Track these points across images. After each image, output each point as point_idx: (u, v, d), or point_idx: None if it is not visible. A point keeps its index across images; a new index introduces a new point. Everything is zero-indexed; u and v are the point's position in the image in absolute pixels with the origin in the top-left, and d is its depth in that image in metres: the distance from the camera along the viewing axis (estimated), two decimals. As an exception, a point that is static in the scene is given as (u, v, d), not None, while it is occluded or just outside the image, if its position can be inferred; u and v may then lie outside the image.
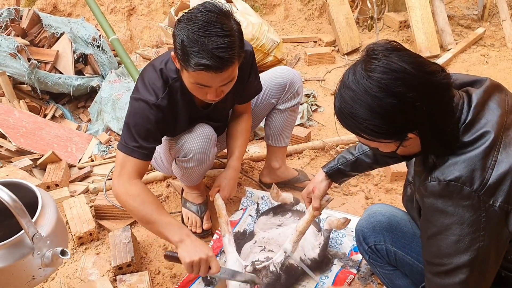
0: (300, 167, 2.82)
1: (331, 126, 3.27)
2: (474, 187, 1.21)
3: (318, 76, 3.99)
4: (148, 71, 1.95)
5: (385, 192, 2.60)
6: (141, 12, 4.73)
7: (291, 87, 2.35)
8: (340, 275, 2.05)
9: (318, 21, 4.86)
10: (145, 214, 1.82)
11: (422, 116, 1.21)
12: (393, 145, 1.30)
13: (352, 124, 1.27)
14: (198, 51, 1.62)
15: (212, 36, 1.63)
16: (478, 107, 1.27)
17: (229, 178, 2.17)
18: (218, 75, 1.69)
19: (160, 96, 1.87)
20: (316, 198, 1.86)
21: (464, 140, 1.25)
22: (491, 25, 4.73)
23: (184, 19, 1.68)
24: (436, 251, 1.32)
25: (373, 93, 1.20)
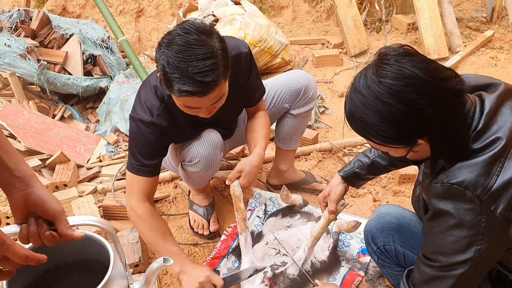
0: (308, 169, 2.81)
1: (339, 128, 3.26)
2: (477, 192, 1.21)
3: (326, 78, 3.98)
4: (143, 89, 1.93)
5: (393, 195, 2.59)
6: (149, 13, 4.74)
7: (305, 92, 2.31)
8: (348, 277, 2.05)
9: (326, 23, 4.86)
10: (151, 240, 1.91)
11: (433, 123, 1.21)
12: (403, 150, 1.30)
13: (362, 128, 1.27)
14: (180, 77, 1.58)
15: (192, 60, 1.57)
16: (490, 113, 1.26)
17: (253, 165, 1.99)
18: (202, 99, 1.65)
19: (155, 114, 1.85)
20: (332, 202, 1.85)
21: (474, 148, 1.24)
22: (500, 27, 4.70)
23: (164, 43, 1.63)
24: (434, 248, 1.33)
25: (383, 99, 1.20)
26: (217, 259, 2.18)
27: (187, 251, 2.25)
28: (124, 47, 3.34)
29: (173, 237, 1.97)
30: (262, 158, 2.05)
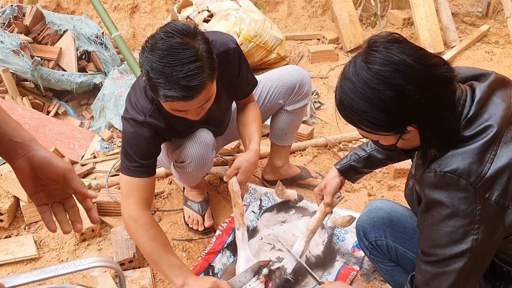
0: (303, 164, 2.81)
1: (334, 124, 3.26)
2: (470, 180, 1.20)
3: (321, 73, 3.98)
4: (133, 92, 1.91)
5: (387, 189, 2.59)
6: (144, 9, 4.73)
7: (300, 88, 2.30)
8: (343, 272, 2.05)
9: (321, 19, 4.85)
10: (152, 251, 1.82)
11: (421, 110, 1.21)
12: (393, 138, 1.29)
13: (352, 116, 1.27)
14: (164, 82, 1.55)
15: (176, 65, 1.53)
16: (481, 101, 1.26)
17: (251, 162, 2.01)
18: (188, 103, 1.63)
19: (147, 115, 1.82)
20: (328, 194, 1.85)
21: (465, 135, 1.24)
22: (495, 22, 4.71)
23: (147, 47, 1.59)
24: (430, 241, 1.32)
25: (372, 85, 1.20)
26: (212, 254, 2.18)
27: (182, 247, 2.25)
28: (118, 43, 3.32)
29: (172, 250, 1.91)
30: (258, 154, 2.06)
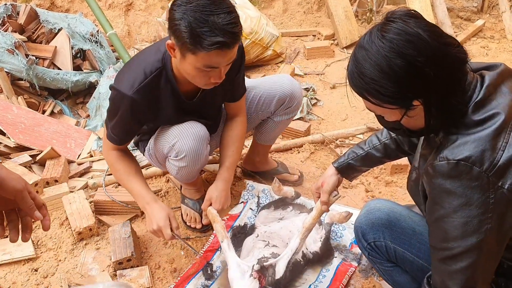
0: (300, 161, 2.81)
1: (331, 120, 3.26)
2: (484, 168, 1.19)
3: (318, 70, 3.97)
4: (130, 62, 1.99)
5: (385, 185, 2.59)
6: (138, 7, 4.70)
7: (290, 102, 2.30)
8: (341, 268, 2.05)
9: (317, 15, 4.84)
10: (120, 182, 2.13)
11: (430, 84, 1.21)
12: (398, 113, 1.29)
13: (360, 84, 1.28)
14: (211, 29, 1.62)
15: (219, 13, 1.63)
16: (490, 87, 1.26)
17: (220, 190, 2.10)
18: (227, 53, 1.70)
19: (135, 87, 1.85)
20: (325, 192, 1.84)
21: (474, 119, 1.24)
22: (490, 17, 4.71)
23: (183, 2, 1.65)
24: (443, 234, 1.29)
25: (384, 52, 1.21)
26: (210, 252, 2.18)
27: (180, 245, 2.24)
28: (113, 41, 3.31)
29: (138, 177, 2.06)
30: (227, 180, 2.15)
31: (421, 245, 1.55)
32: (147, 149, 2.19)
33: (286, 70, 3.78)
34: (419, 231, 1.56)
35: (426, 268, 1.53)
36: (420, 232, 1.56)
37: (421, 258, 1.55)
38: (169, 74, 1.90)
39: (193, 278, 2.04)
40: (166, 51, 1.87)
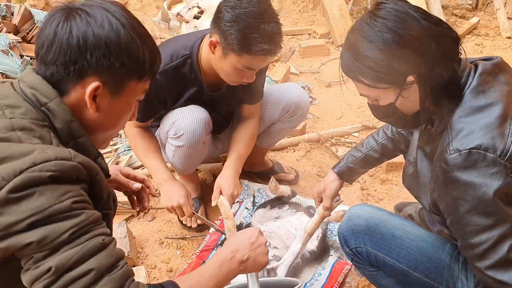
0: (296, 159, 2.82)
1: (326, 118, 3.27)
2: (497, 153, 1.18)
3: (313, 68, 3.98)
4: (160, 46, 2.05)
5: (380, 183, 2.60)
6: (134, 6, 4.70)
7: (295, 111, 2.31)
8: (337, 266, 2.05)
9: (312, 13, 4.84)
10: (138, 156, 2.19)
11: (421, 59, 1.23)
12: (393, 94, 1.30)
13: (354, 65, 1.30)
14: (261, 37, 1.73)
15: (270, 22, 1.74)
16: (485, 75, 1.28)
17: (228, 176, 2.09)
18: (269, 59, 1.84)
19: (160, 68, 1.88)
20: (327, 198, 1.87)
21: (474, 105, 1.24)
22: (485, 14, 4.72)
23: (236, 5, 1.75)
24: (473, 228, 1.25)
25: (376, 29, 1.25)
26: (206, 251, 2.18)
27: (176, 245, 2.25)
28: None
29: (157, 154, 2.13)
30: (234, 168, 2.14)
31: (400, 250, 1.54)
32: (157, 134, 2.23)
33: (281, 69, 3.78)
34: (399, 236, 1.56)
35: (407, 272, 1.53)
36: (400, 237, 1.56)
37: (400, 262, 1.54)
38: (194, 63, 1.98)
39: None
40: (195, 41, 1.98)
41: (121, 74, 1.10)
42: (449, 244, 1.54)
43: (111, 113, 1.15)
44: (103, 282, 0.98)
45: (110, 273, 1.00)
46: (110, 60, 1.07)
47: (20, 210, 0.93)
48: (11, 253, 0.98)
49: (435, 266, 1.52)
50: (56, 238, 0.95)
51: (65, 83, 1.08)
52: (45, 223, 0.95)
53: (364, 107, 3.37)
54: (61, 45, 1.05)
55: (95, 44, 1.05)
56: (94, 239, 0.99)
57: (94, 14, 1.07)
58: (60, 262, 0.95)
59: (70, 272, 0.96)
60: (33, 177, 0.94)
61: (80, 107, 1.10)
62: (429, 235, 1.58)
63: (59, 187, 0.97)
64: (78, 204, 0.99)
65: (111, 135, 1.25)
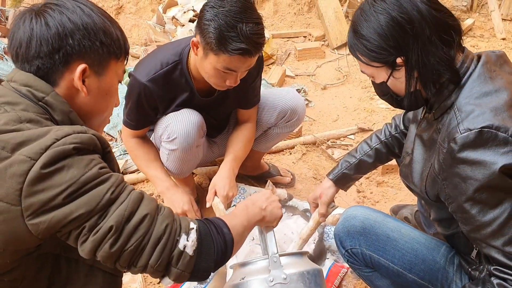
0: (292, 162, 2.81)
1: (322, 121, 3.27)
2: (509, 133, 1.17)
3: (309, 71, 3.98)
4: (151, 53, 2.09)
5: (376, 185, 2.60)
6: (129, 10, 4.70)
7: (291, 115, 2.30)
8: (333, 269, 2.05)
9: (308, 16, 4.85)
10: (139, 168, 2.22)
11: (412, 43, 1.25)
12: (385, 73, 1.34)
13: (353, 42, 1.36)
14: (237, 36, 1.70)
15: (248, 22, 1.71)
16: (490, 64, 1.29)
17: (223, 177, 2.06)
18: (247, 60, 1.78)
19: (150, 76, 1.94)
20: (324, 205, 1.87)
21: (483, 90, 1.25)
22: (480, 16, 4.74)
23: (216, 5, 1.73)
24: (484, 206, 1.23)
25: (373, 9, 1.29)
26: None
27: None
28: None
29: (157, 163, 2.14)
30: (230, 168, 2.12)
31: (395, 251, 1.55)
32: (152, 138, 2.23)
33: (277, 71, 3.78)
34: (394, 237, 1.56)
35: (402, 273, 1.53)
36: (395, 238, 1.56)
37: (395, 264, 1.55)
38: (184, 69, 1.97)
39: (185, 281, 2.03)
40: (185, 47, 1.97)
41: (102, 53, 1.15)
42: (444, 246, 1.54)
43: (100, 94, 1.20)
44: (159, 221, 1.09)
45: (161, 213, 1.11)
46: (91, 41, 1.12)
47: (55, 183, 0.97)
48: (54, 231, 1.01)
49: (429, 268, 1.52)
50: (100, 201, 1.01)
51: (52, 74, 1.12)
52: (83, 192, 1.00)
53: (360, 110, 3.37)
54: (40, 37, 1.09)
55: (73, 29, 1.11)
56: (132, 193, 1.08)
57: (64, 5, 1.13)
58: (117, 218, 1.02)
59: (129, 223, 1.04)
60: (60, 151, 0.98)
61: (71, 96, 1.15)
62: (424, 237, 1.59)
63: (84, 157, 1.02)
64: (104, 169, 1.05)
65: (103, 121, 1.30)
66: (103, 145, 1.10)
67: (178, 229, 1.12)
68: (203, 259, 1.14)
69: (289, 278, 1.38)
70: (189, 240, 1.12)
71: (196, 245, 1.13)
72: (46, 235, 1.01)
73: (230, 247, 1.23)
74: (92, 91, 1.17)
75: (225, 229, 1.23)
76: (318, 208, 1.90)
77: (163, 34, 4.00)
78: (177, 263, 1.10)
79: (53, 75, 1.12)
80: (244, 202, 1.45)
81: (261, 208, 1.43)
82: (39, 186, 0.97)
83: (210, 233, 1.19)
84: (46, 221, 0.98)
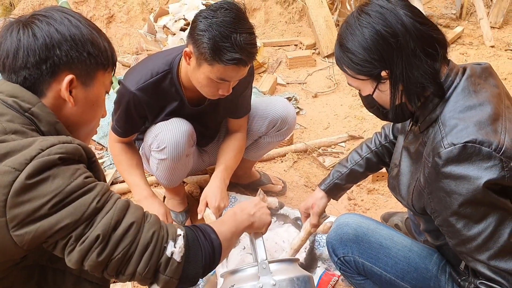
0: (283, 170, 2.81)
1: (313, 129, 3.27)
2: (492, 147, 1.17)
3: (300, 79, 3.99)
4: (142, 62, 2.09)
5: (367, 193, 2.60)
6: (120, 19, 4.69)
7: (281, 124, 2.30)
8: (324, 278, 2.04)
9: (299, 24, 4.87)
10: (120, 172, 2.19)
11: (396, 56, 1.26)
12: (370, 86, 1.35)
13: (339, 55, 1.36)
14: (231, 46, 1.71)
15: (242, 32, 1.73)
16: (475, 77, 1.30)
17: (214, 187, 2.06)
18: (241, 69, 1.80)
19: (139, 85, 1.93)
20: (315, 215, 1.86)
21: (467, 104, 1.25)
22: (469, 23, 4.78)
23: (209, 15, 1.74)
24: (469, 221, 1.23)
25: (358, 23, 1.30)
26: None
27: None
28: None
29: (138, 170, 2.13)
30: (221, 179, 2.11)
31: (387, 259, 1.54)
32: (141, 147, 2.21)
33: (268, 80, 3.79)
34: (386, 245, 1.56)
35: (394, 281, 1.53)
36: (387, 246, 1.56)
37: (388, 272, 1.54)
38: (174, 78, 1.97)
39: None
40: (175, 57, 1.97)
41: (90, 64, 1.16)
42: (436, 254, 1.54)
43: (87, 105, 1.20)
44: (146, 229, 1.09)
45: (147, 220, 1.11)
46: (78, 52, 1.13)
47: (41, 194, 0.97)
48: (40, 242, 1.01)
49: (422, 276, 1.51)
50: (86, 210, 1.01)
51: (39, 84, 1.12)
52: (69, 202, 1.00)
53: (350, 117, 3.38)
54: (28, 48, 1.09)
55: (61, 39, 1.11)
56: (118, 201, 1.08)
57: (52, 16, 1.14)
58: (104, 227, 1.02)
59: (116, 231, 1.04)
60: (45, 161, 0.98)
61: (58, 106, 1.15)
62: (416, 245, 1.58)
63: (69, 167, 1.02)
64: (89, 179, 1.05)
65: (90, 132, 1.29)
66: (88, 155, 1.10)
67: (165, 236, 1.11)
68: (191, 265, 1.15)
69: (278, 284, 1.38)
70: (176, 247, 1.12)
71: (184, 251, 1.13)
72: (32, 246, 1.00)
73: (218, 252, 1.23)
74: (79, 102, 1.17)
75: (212, 235, 1.23)
76: (309, 219, 1.89)
77: (154, 43, 4.00)
78: (165, 269, 1.10)
79: (40, 86, 1.12)
80: (233, 209, 1.46)
81: (249, 214, 1.44)
82: (24, 196, 0.96)
83: (198, 239, 1.19)
84: (32, 231, 0.97)
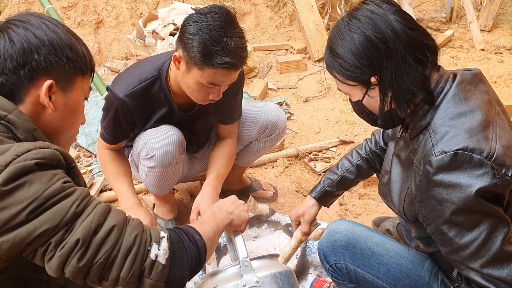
0: (275, 175, 2.79)
1: (304, 134, 3.26)
2: (484, 155, 1.16)
3: (291, 84, 3.98)
4: (130, 67, 2.06)
5: (358, 198, 2.59)
6: (109, 24, 4.66)
7: (272, 130, 2.29)
8: (316, 285, 2.02)
9: (289, 29, 4.87)
10: (107, 180, 2.15)
11: (385, 62, 1.24)
12: (359, 92, 1.34)
13: (329, 60, 1.35)
14: (222, 50, 1.69)
15: (233, 36, 1.70)
16: (465, 84, 1.29)
17: (206, 196, 2.02)
18: (232, 73, 1.77)
19: (128, 91, 1.90)
20: (306, 223, 1.84)
21: (457, 111, 1.24)
22: (459, 27, 4.80)
23: (199, 19, 1.71)
24: (461, 229, 1.22)
25: (347, 28, 1.28)
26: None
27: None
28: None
29: (125, 178, 2.09)
30: (213, 187, 2.08)
31: (380, 266, 1.53)
32: (130, 155, 2.18)
33: (259, 84, 3.77)
34: (378, 252, 1.55)
35: None
36: (379, 253, 1.55)
37: (380, 279, 1.53)
38: (163, 84, 1.94)
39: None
40: (164, 62, 1.94)
41: (69, 69, 1.14)
42: (428, 261, 1.52)
43: (67, 111, 1.18)
44: (128, 232, 1.05)
45: (129, 223, 1.08)
46: (57, 56, 1.11)
47: (17, 200, 0.94)
48: (19, 251, 0.97)
49: (414, 283, 1.50)
50: (65, 215, 0.98)
51: (17, 91, 1.10)
52: (47, 207, 0.96)
53: (341, 122, 3.37)
54: (4, 53, 1.07)
55: (39, 44, 1.09)
56: (98, 205, 1.04)
57: (28, 21, 1.12)
58: (84, 231, 0.99)
59: (96, 235, 1.00)
60: (20, 167, 0.95)
61: (37, 113, 1.13)
62: (408, 251, 1.57)
63: (46, 172, 0.99)
64: (68, 183, 1.02)
65: (70, 139, 1.27)
66: (67, 160, 1.07)
67: (149, 239, 1.08)
68: (177, 267, 1.12)
69: (261, 281, 1.39)
70: (160, 249, 1.09)
71: (169, 254, 1.10)
72: (11, 256, 0.97)
73: (204, 253, 1.21)
74: (59, 108, 1.15)
75: (196, 235, 1.22)
76: (300, 227, 1.87)
77: (144, 48, 3.97)
78: (150, 273, 1.07)
79: (18, 92, 1.10)
80: (211, 209, 1.46)
81: (228, 212, 1.44)
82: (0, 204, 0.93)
83: (182, 240, 1.17)
84: (10, 240, 0.94)
